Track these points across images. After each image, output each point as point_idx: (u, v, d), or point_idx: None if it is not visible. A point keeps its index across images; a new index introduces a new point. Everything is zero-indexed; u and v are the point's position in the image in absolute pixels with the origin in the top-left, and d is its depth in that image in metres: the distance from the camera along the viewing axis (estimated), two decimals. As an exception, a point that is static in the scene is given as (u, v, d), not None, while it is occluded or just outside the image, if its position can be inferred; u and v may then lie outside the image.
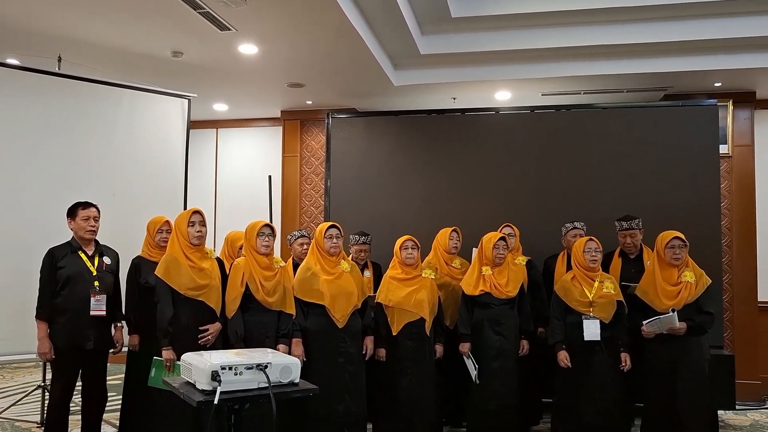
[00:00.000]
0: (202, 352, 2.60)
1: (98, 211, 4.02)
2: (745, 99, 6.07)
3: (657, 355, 3.99)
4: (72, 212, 3.98)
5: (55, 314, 3.84)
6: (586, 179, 5.44)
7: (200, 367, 2.23)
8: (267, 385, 2.25)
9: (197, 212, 3.78)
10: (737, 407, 5.16)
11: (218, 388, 2.15)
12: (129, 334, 4.17)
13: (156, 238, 4.18)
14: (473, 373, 4.18)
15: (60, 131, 4.78)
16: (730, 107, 6.05)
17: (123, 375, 4.15)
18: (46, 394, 4.42)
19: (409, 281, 4.28)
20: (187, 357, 2.40)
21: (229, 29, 4.51)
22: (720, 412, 4.70)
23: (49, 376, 4.06)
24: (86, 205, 3.98)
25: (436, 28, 5.39)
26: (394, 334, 4.21)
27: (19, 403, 5.02)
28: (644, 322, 3.95)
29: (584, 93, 6.14)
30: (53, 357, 3.84)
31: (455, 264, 4.77)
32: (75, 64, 5.05)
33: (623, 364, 4.00)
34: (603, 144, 5.48)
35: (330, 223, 4.18)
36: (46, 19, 4.39)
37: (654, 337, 3.96)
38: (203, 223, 3.78)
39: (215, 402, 2.12)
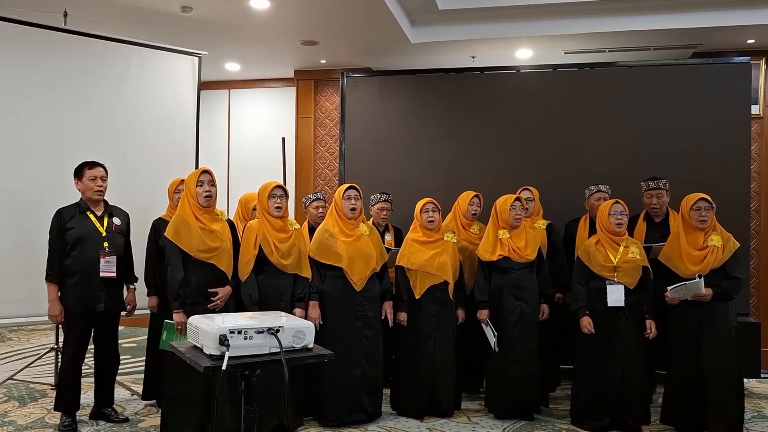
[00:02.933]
0: (211, 315, 2.50)
1: (105, 170, 3.91)
2: (779, 57, 5.81)
3: (682, 321, 3.86)
4: (78, 172, 3.88)
5: (65, 276, 3.78)
6: (610, 141, 5.24)
7: (208, 330, 2.12)
8: (279, 350, 2.14)
9: (206, 171, 3.64)
10: (762, 375, 5.04)
11: (226, 353, 2.04)
12: (149, 296, 4.13)
13: (174, 199, 4.08)
14: (492, 340, 4.07)
15: (67, 89, 4.65)
16: (763, 66, 5.81)
17: (137, 338, 4.10)
18: (60, 356, 4.38)
19: (431, 244, 4.17)
20: (195, 320, 2.28)
21: (240, -19, 4.34)
22: (744, 380, 4.58)
23: (62, 338, 4.02)
24: (93, 164, 3.87)
25: (455, -19, 5.17)
26: (417, 297, 4.12)
27: (32, 365, 5.01)
28: (668, 288, 3.81)
29: (609, 51, 5.92)
30: (64, 319, 3.79)
31: (473, 229, 4.63)
32: (81, 19, 4.89)
33: (648, 331, 3.87)
34: (628, 104, 5.26)
35: (349, 185, 4.09)
36: (51, -28, 4.24)
37: (678, 303, 3.82)
38: (212, 183, 3.63)
39: (223, 368, 2.01)
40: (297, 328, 2.23)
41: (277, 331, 2.16)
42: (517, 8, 5.31)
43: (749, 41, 5.60)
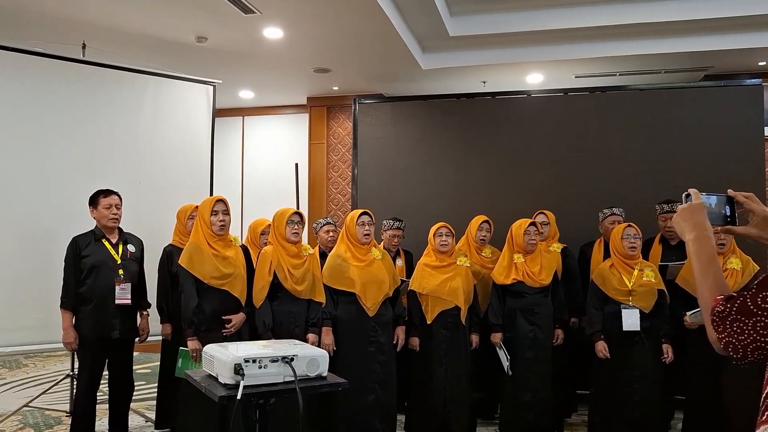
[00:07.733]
0: (226, 343, 2.50)
1: (120, 198, 3.96)
2: (791, 78, 5.80)
3: (700, 346, 3.79)
4: (93, 201, 3.93)
5: (80, 303, 3.81)
6: (622, 164, 5.23)
7: (222, 359, 2.13)
8: (293, 378, 2.14)
9: (221, 200, 3.67)
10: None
11: (241, 382, 2.05)
12: (161, 323, 4.14)
13: (187, 225, 4.11)
14: (506, 364, 4.05)
15: (85, 118, 4.73)
16: (775, 87, 5.78)
17: (151, 364, 4.10)
18: (75, 382, 4.40)
19: (443, 269, 4.16)
20: (210, 348, 2.30)
21: (254, 12, 4.42)
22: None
23: (77, 365, 4.03)
24: (107, 192, 3.92)
25: (465, 8, 5.23)
26: (428, 322, 4.11)
27: (48, 391, 5.02)
28: (687, 313, 3.76)
29: (620, 74, 5.94)
30: (78, 347, 3.81)
31: (486, 253, 4.63)
32: (99, 50, 4.99)
33: (665, 355, 3.83)
34: (640, 127, 5.25)
35: (362, 210, 4.09)
36: (71, 5, 4.36)
37: (697, 328, 3.77)
38: (227, 212, 3.66)
39: (238, 397, 2.02)
40: (311, 357, 2.24)
41: (292, 359, 2.16)
42: (528, 34, 5.36)
43: (761, 63, 5.61)
